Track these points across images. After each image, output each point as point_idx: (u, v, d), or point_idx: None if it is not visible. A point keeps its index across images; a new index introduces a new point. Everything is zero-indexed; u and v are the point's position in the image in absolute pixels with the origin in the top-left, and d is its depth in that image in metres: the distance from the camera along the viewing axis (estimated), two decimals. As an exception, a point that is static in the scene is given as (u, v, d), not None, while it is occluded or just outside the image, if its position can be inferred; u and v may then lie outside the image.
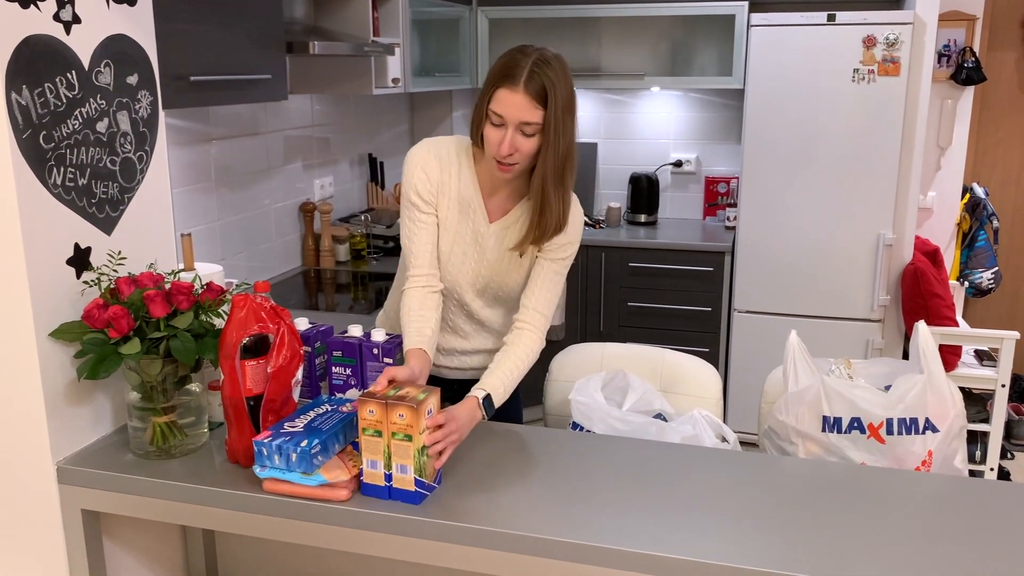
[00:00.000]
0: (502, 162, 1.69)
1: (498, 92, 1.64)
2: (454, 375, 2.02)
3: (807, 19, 3.44)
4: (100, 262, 1.66)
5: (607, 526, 1.37)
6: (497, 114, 1.65)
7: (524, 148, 1.66)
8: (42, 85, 1.50)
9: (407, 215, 1.82)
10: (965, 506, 1.44)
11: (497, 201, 1.84)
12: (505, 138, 1.65)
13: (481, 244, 1.84)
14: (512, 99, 1.62)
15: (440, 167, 1.80)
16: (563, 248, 1.82)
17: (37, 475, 1.60)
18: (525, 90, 1.62)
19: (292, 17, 3.08)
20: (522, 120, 1.64)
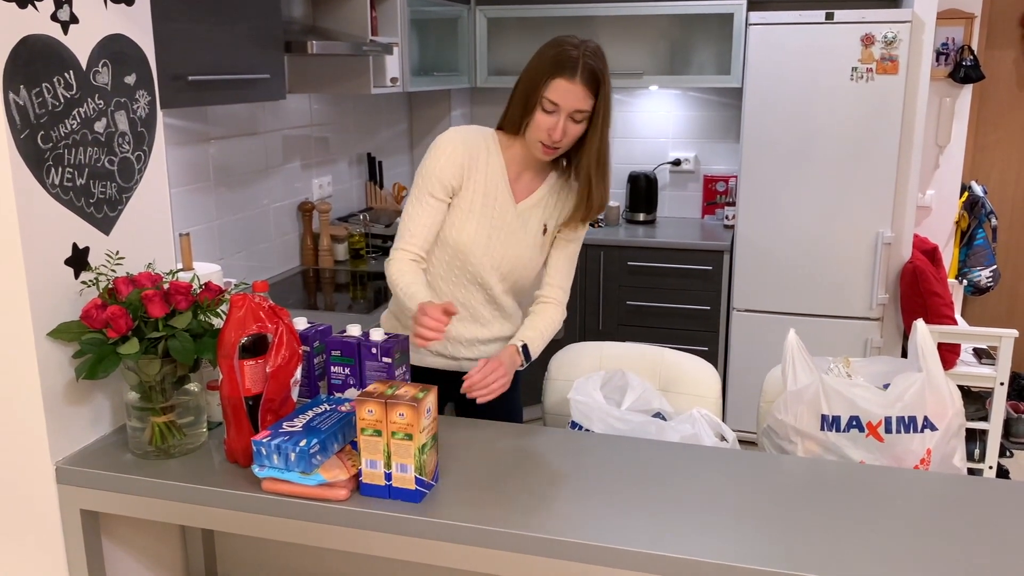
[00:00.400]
0: (549, 146, 1.82)
1: (555, 82, 1.77)
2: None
3: (805, 17, 3.44)
4: (98, 262, 1.66)
5: (607, 525, 1.37)
6: (553, 102, 1.78)
7: (572, 133, 1.81)
8: (40, 85, 1.50)
9: (417, 194, 1.90)
10: (964, 504, 1.44)
11: (523, 183, 1.95)
12: (558, 125, 1.79)
13: (508, 225, 1.93)
14: (570, 89, 1.76)
15: (468, 153, 1.89)
16: (583, 228, 1.99)
17: (36, 475, 1.60)
18: (582, 82, 1.76)
19: (290, 16, 3.08)
20: (576, 108, 1.78)
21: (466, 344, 2.02)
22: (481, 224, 1.91)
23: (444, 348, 2.02)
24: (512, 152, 1.93)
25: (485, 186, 1.90)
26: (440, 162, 1.88)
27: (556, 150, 1.84)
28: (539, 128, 1.81)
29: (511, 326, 2.05)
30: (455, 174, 1.88)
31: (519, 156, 1.93)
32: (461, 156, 1.88)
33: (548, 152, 1.84)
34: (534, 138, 1.83)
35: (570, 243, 2.00)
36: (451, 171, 1.88)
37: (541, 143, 1.82)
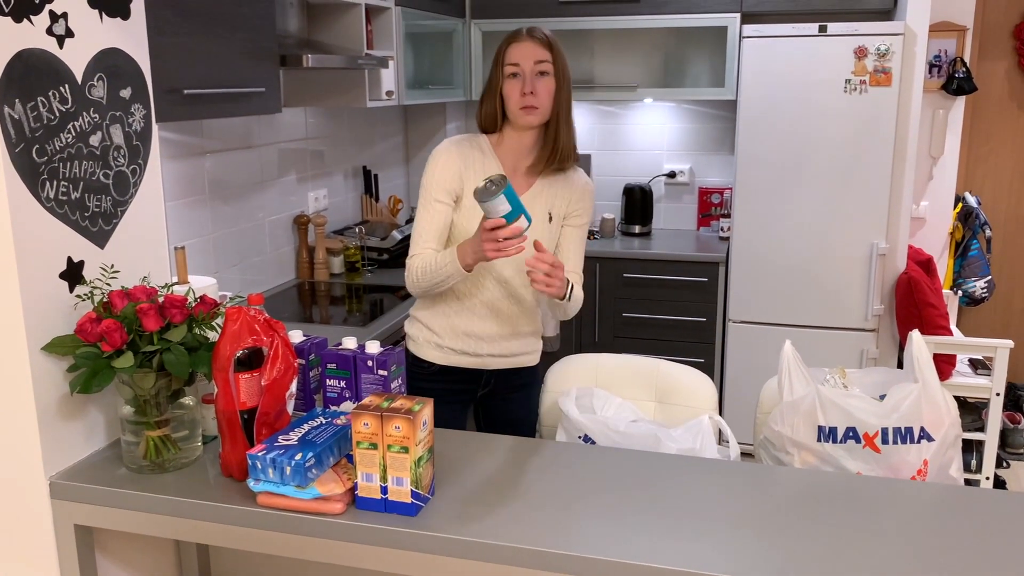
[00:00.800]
0: (526, 106, 1.93)
1: (510, 48, 1.95)
2: (496, 363, 2.11)
3: (799, 30, 3.46)
4: (93, 276, 1.66)
5: (604, 537, 1.36)
6: (514, 63, 1.93)
7: (543, 88, 1.94)
8: (35, 99, 1.50)
9: (423, 203, 2.00)
10: (961, 515, 1.44)
11: (520, 177, 2.05)
12: (525, 80, 1.93)
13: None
14: (523, 47, 1.93)
15: (462, 158, 2.00)
16: (583, 213, 2.09)
17: (30, 490, 1.59)
18: (531, 39, 1.94)
19: (286, 30, 3.09)
20: (536, 60, 1.93)
21: (489, 340, 2.08)
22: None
23: (468, 346, 2.07)
24: (503, 148, 2.04)
25: None
26: (438, 169, 1.99)
27: (536, 108, 1.93)
28: (513, 95, 1.94)
29: (532, 322, 2.13)
30: (453, 177, 1.99)
31: (510, 151, 2.03)
32: (457, 161, 1.99)
33: (528, 111, 1.94)
34: (514, 108, 1.95)
35: (576, 228, 2.10)
36: (449, 175, 1.99)
37: (520, 108, 1.94)
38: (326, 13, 3.18)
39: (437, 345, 2.08)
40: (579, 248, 2.12)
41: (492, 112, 2.01)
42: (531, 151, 2.03)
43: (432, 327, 2.08)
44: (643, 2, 3.91)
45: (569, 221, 2.09)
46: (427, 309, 2.10)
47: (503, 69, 1.95)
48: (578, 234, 2.11)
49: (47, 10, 1.52)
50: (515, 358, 2.13)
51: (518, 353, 2.13)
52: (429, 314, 2.09)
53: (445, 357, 2.09)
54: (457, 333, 2.06)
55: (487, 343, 2.08)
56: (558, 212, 2.07)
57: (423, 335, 2.10)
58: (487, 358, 2.10)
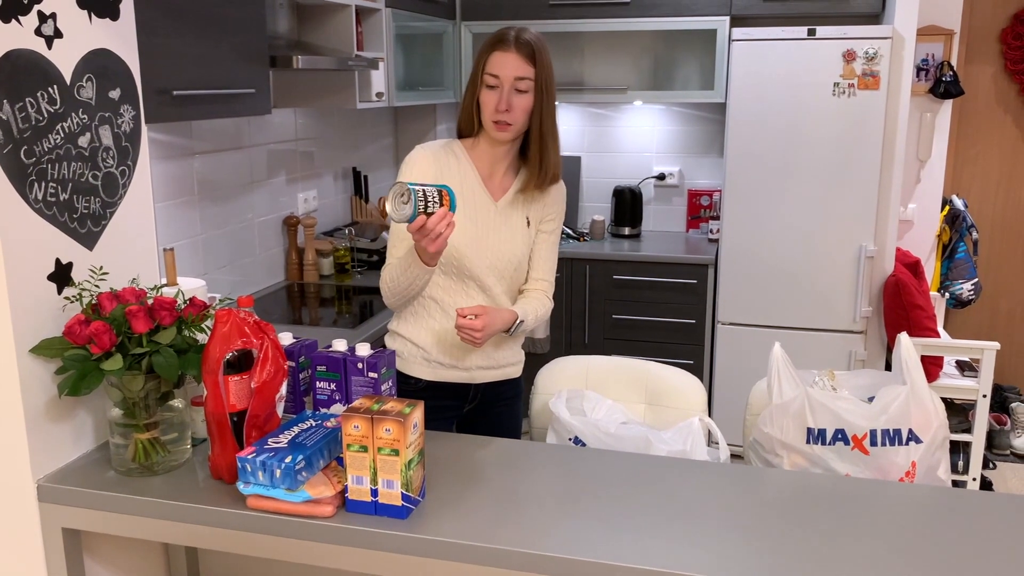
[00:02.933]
0: (499, 121, 1.88)
1: (492, 56, 1.87)
2: (484, 376, 2.07)
3: (787, 34, 3.48)
4: (82, 277, 1.65)
5: (594, 539, 1.37)
6: (493, 75, 1.86)
7: (519, 105, 1.87)
8: (23, 100, 1.49)
9: None
10: (949, 517, 1.45)
11: (496, 182, 2.00)
12: (502, 96, 1.85)
13: (492, 223, 1.97)
14: (506, 59, 1.85)
15: (436, 163, 1.96)
16: (556, 217, 2.06)
17: (17, 493, 1.58)
18: (516, 50, 1.85)
19: (275, 31, 3.08)
20: (516, 76, 1.85)
21: (477, 352, 2.04)
22: (463, 223, 1.94)
23: (457, 359, 2.03)
24: (477, 153, 1.99)
25: (460, 188, 1.96)
26: (414, 176, 1.95)
27: (509, 125, 1.88)
28: (487, 106, 1.88)
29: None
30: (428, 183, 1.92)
31: (486, 155, 1.98)
32: (431, 166, 1.95)
33: (502, 128, 1.88)
34: (487, 119, 1.90)
35: (549, 234, 2.06)
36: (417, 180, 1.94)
37: (493, 121, 1.88)
38: (316, 14, 3.18)
39: (425, 360, 2.03)
40: (551, 253, 2.08)
41: (469, 116, 1.96)
42: (506, 156, 1.99)
43: (418, 342, 2.02)
44: (633, 5, 3.92)
45: (542, 227, 2.06)
46: (411, 323, 2.04)
47: (482, 76, 1.89)
48: (551, 240, 2.07)
49: (36, 10, 1.51)
50: (502, 369, 2.09)
51: (504, 364, 2.09)
52: (414, 329, 2.03)
53: (434, 372, 2.04)
54: (444, 346, 2.01)
55: (475, 354, 2.03)
56: (534, 217, 2.04)
57: (408, 350, 2.04)
58: (476, 371, 2.05)
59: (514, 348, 2.10)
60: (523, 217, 2.01)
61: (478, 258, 1.96)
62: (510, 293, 2.05)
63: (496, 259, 1.98)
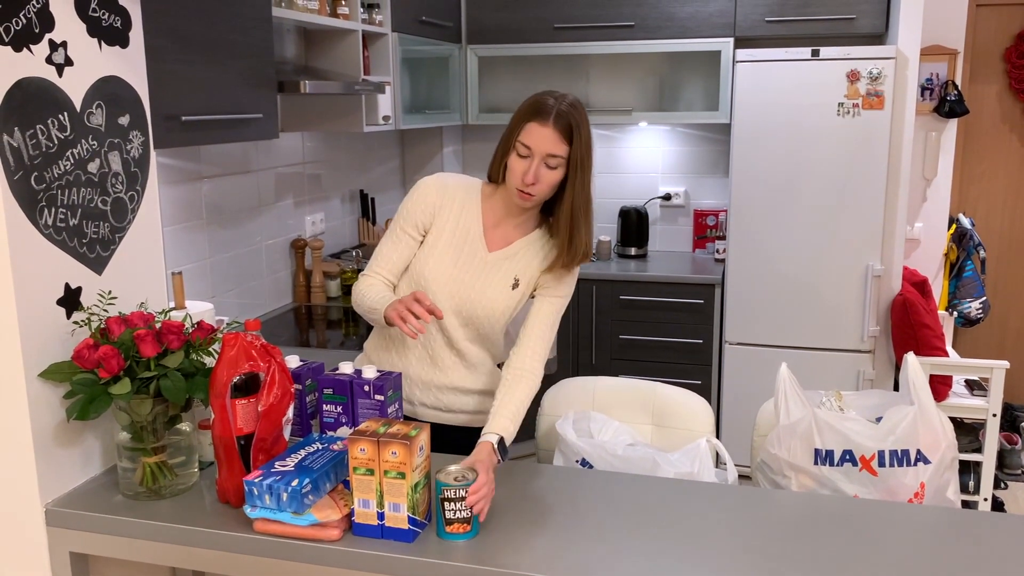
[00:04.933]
0: (524, 191, 1.82)
1: (528, 125, 1.79)
2: (428, 415, 1.99)
3: (791, 55, 3.49)
4: (90, 302, 1.66)
5: (601, 563, 1.36)
6: (526, 146, 1.79)
7: (546, 179, 1.81)
8: (34, 127, 1.51)
9: (392, 228, 1.96)
10: (959, 538, 1.44)
11: (499, 233, 1.94)
12: (531, 168, 1.79)
13: (475, 270, 1.91)
14: (542, 133, 1.77)
15: (441, 195, 1.93)
16: (568, 284, 1.94)
17: (26, 518, 1.59)
18: (554, 126, 1.77)
19: (283, 57, 3.11)
20: (548, 152, 1.78)
21: (422, 387, 1.96)
22: (443, 261, 1.90)
23: (404, 389, 1.97)
24: (492, 202, 1.94)
25: (455, 226, 1.92)
26: (413, 200, 1.93)
27: (531, 196, 1.82)
28: (514, 172, 1.82)
29: (474, 378, 1.97)
30: (426, 211, 1.92)
31: (500, 206, 1.93)
32: (434, 197, 1.92)
33: (524, 197, 1.82)
34: (511, 183, 1.83)
35: (554, 299, 1.92)
36: (422, 208, 1.92)
37: (517, 188, 1.82)
38: (323, 39, 3.21)
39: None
40: (551, 327, 1.91)
41: (497, 167, 1.90)
42: (520, 213, 1.92)
43: (374, 361, 2.01)
44: (638, 27, 3.94)
45: (549, 291, 1.93)
46: (373, 343, 2.03)
47: (516, 143, 1.80)
48: (552, 308, 1.92)
49: (47, 39, 1.53)
50: (449, 414, 1.98)
51: (453, 409, 1.98)
52: (374, 348, 2.02)
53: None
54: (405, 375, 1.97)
55: (419, 390, 1.96)
56: (528, 279, 1.93)
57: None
58: (419, 407, 1.98)
59: (469, 397, 1.98)
60: (511, 276, 1.91)
61: (447, 298, 1.89)
62: (476, 342, 1.95)
63: (461, 304, 1.90)
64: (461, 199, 1.94)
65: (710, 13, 3.85)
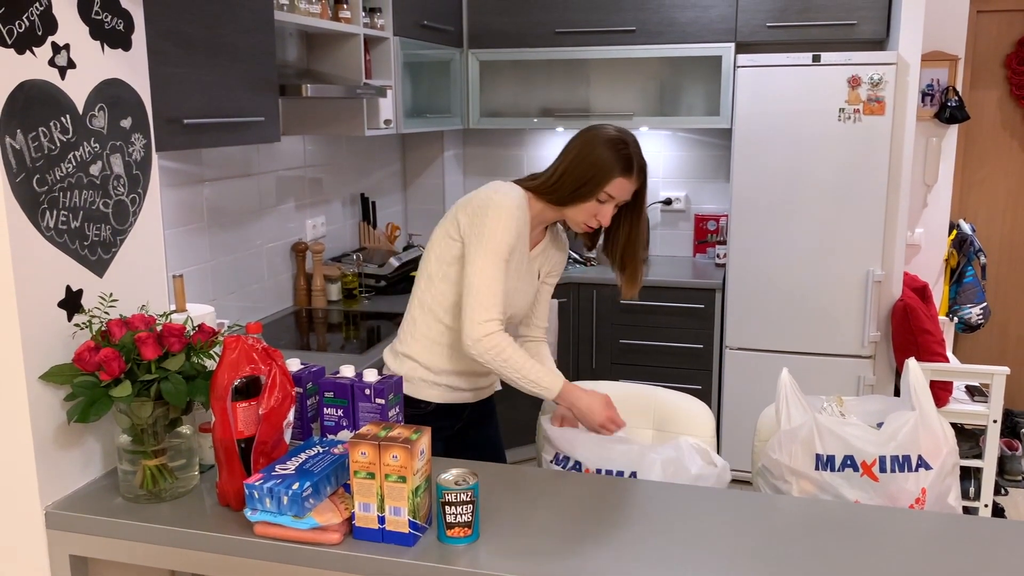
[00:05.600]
0: (590, 228, 2.01)
1: (617, 181, 1.93)
2: (486, 392, 2.17)
3: (792, 60, 3.50)
4: (92, 304, 1.66)
5: (602, 568, 1.36)
6: (610, 195, 1.94)
7: (611, 215, 1.99)
8: (36, 129, 1.51)
9: (494, 260, 1.90)
10: (960, 544, 1.44)
11: (533, 235, 2.08)
12: (607, 211, 1.96)
13: (523, 272, 2.06)
14: (627, 185, 1.95)
15: (523, 219, 1.96)
16: (559, 272, 2.20)
17: (25, 520, 1.58)
18: (637, 177, 1.96)
19: (285, 60, 3.12)
20: (626, 199, 1.98)
21: (473, 377, 2.09)
22: (518, 276, 2.04)
23: (466, 383, 2.08)
24: (534, 211, 2.03)
25: (524, 245, 2.02)
26: (512, 230, 1.92)
27: (593, 229, 2.03)
28: (589, 213, 1.97)
29: None
30: (518, 238, 1.95)
31: (537, 214, 2.04)
32: (521, 224, 1.95)
33: (589, 231, 2.03)
34: (579, 219, 1.98)
35: (551, 285, 2.20)
36: (515, 236, 1.93)
37: (586, 225, 1.99)
38: (325, 43, 3.21)
39: (435, 383, 2.04)
40: (550, 302, 2.23)
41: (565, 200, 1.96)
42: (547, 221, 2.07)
43: (430, 365, 2.03)
44: (639, 32, 3.95)
45: (547, 278, 2.17)
46: (422, 345, 2.04)
47: (600, 193, 1.92)
48: (550, 290, 2.21)
49: (49, 42, 1.53)
50: (492, 387, 2.20)
51: (495, 380, 2.18)
52: (425, 352, 2.04)
53: (442, 395, 2.05)
54: (456, 372, 2.05)
55: (470, 379, 2.09)
56: (544, 271, 2.14)
57: (418, 374, 2.04)
58: (466, 392, 2.10)
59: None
60: (538, 270, 2.12)
61: (517, 302, 2.05)
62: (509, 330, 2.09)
63: (514, 301, 2.04)
64: (526, 220, 1.98)
65: (711, 18, 3.86)
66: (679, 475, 1.86)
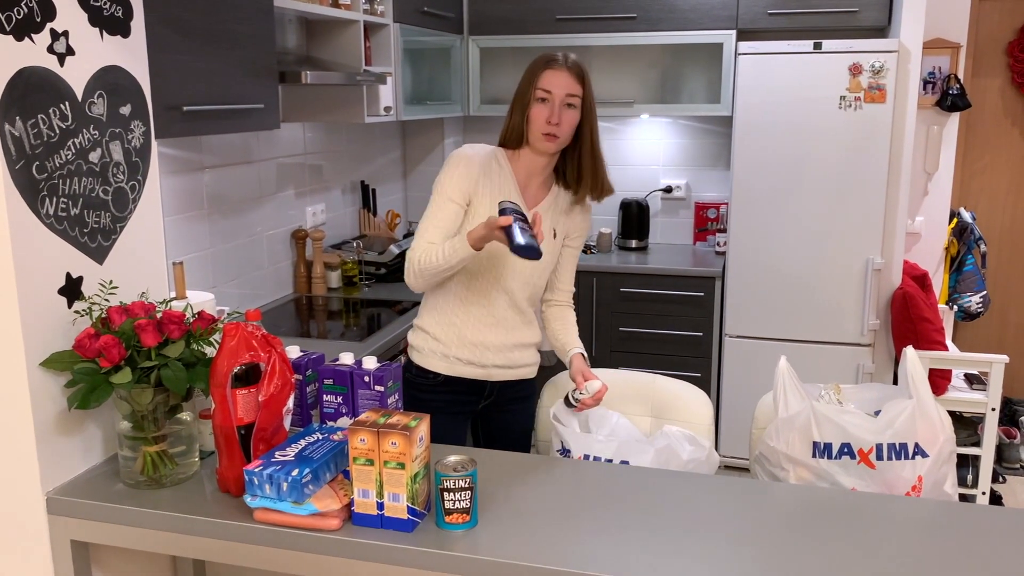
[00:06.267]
0: (550, 133, 1.97)
1: (545, 73, 1.97)
2: (499, 375, 2.12)
3: (794, 47, 3.49)
4: (92, 291, 1.67)
5: (597, 553, 1.37)
6: (546, 91, 1.96)
7: (567, 120, 1.97)
8: (35, 116, 1.51)
9: (436, 200, 2.02)
10: (957, 531, 1.45)
11: (531, 192, 2.09)
12: (555, 110, 1.96)
13: None
14: (559, 76, 1.96)
15: (482, 167, 2.03)
16: (583, 234, 2.19)
17: (27, 506, 1.59)
18: (568, 70, 1.97)
19: (284, 47, 3.11)
20: (568, 93, 1.96)
21: (494, 350, 2.09)
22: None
23: (475, 356, 2.08)
24: (518, 165, 2.07)
25: (500, 191, 2.02)
26: (457, 171, 2.02)
27: (556, 138, 1.97)
28: (538, 119, 1.97)
29: (532, 331, 2.15)
30: (470, 182, 2.02)
31: (524, 167, 2.06)
32: (476, 167, 2.02)
33: (550, 139, 1.98)
34: (536, 132, 1.98)
35: (573, 248, 2.18)
36: (466, 178, 2.02)
37: (543, 133, 1.97)
38: (325, 30, 3.20)
39: (443, 355, 2.08)
40: (574, 266, 2.20)
41: (517, 133, 2.03)
42: (543, 170, 2.07)
43: (438, 337, 2.08)
44: (640, 19, 3.94)
45: (569, 242, 2.16)
46: (433, 319, 2.09)
47: (534, 91, 1.98)
48: (575, 253, 2.19)
49: (48, 28, 1.53)
50: (517, 369, 2.15)
51: (520, 364, 2.14)
52: (435, 324, 2.09)
53: (451, 367, 2.09)
54: (464, 343, 2.07)
55: (492, 353, 2.08)
56: (561, 231, 2.12)
57: (429, 345, 2.10)
58: (492, 369, 2.10)
59: (530, 350, 2.16)
60: (550, 228, 2.09)
61: (511, 264, 2.04)
62: (532, 299, 2.13)
63: (525, 266, 2.04)
64: (495, 167, 2.04)
65: (712, 5, 3.84)
66: (671, 462, 1.87)
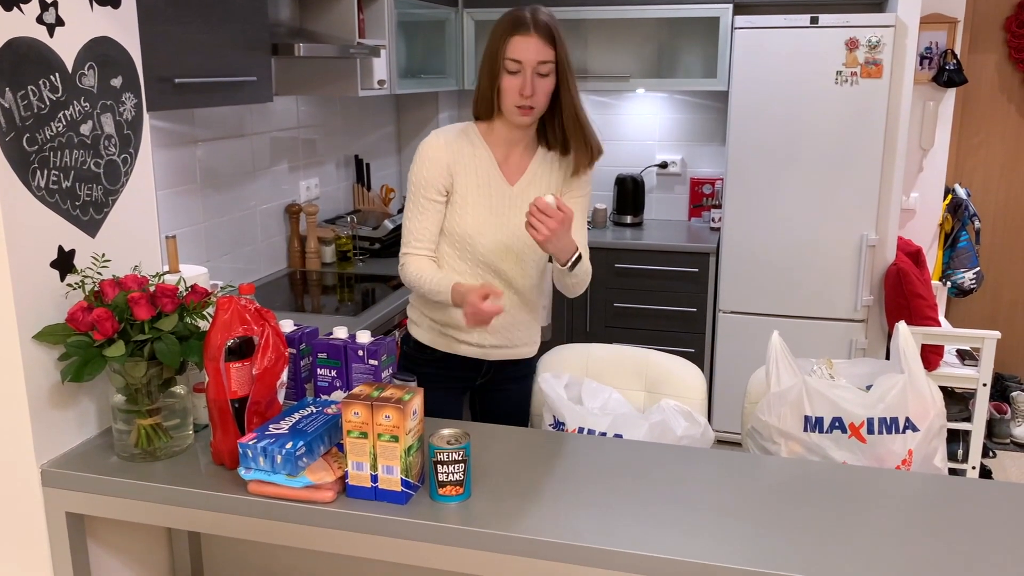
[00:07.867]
0: (523, 106, 1.87)
1: (512, 40, 1.84)
2: (497, 354, 2.10)
3: (790, 22, 3.47)
4: (84, 265, 1.66)
5: (591, 525, 1.38)
6: (515, 60, 1.84)
7: (542, 88, 1.87)
8: (25, 88, 1.50)
9: (412, 200, 1.98)
10: (946, 504, 1.46)
11: (512, 165, 2.00)
12: (527, 81, 1.84)
13: (508, 208, 1.98)
14: (527, 43, 1.83)
15: (451, 151, 1.95)
16: (588, 181, 2.06)
17: (21, 478, 1.60)
18: (537, 34, 1.84)
19: (277, 19, 3.08)
20: (539, 60, 1.84)
21: (492, 331, 2.06)
22: (478, 209, 1.96)
23: (472, 336, 2.06)
24: (493, 137, 1.99)
25: (476, 175, 1.97)
26: (427, 166, 1.96)
27: (532, 109, 1.88)
28: (509, 91, 1.87)
29: (532, 311, 2.12)
30: (443, 174, 1.95)
31: (502, 139, 1.98)
32: (445, 156, 1.95)
33: (525, 112, 1.88)
34: (509, 104, 1.89)
35: (581, 199, 2.04)
36: (438, 172, 1.95)
37: (516, 106, 1.88)
38: (318, 2, 3.17)
39: (441, 333, 2.07)
40: (583, 219, 2.04)
41: (487, 102, 1.93)
42: (523, 138, 1.99)
43: (434, 317, 2.07)
44: (636, -8, 3.91)
45: (574, 192, 2.05)
46: (430, 301, 2.07)
47: (503, 62, 1.86)
48: (581, 206, 2.04)
49: (37, -2, 1.51)
50: (515, 349, 2.12)
51: (518, 344, 2.12)
52: (431, 305, 2.07)
53: (448, 345, 2.08)
54: (461, 324, 2.03)
55: (490, 333, 2.07)
56: (557, 190, 2.04)
57: (427, 322, 2.09)
58: (489, 349, 2.08)
59: (529, 329, 2.13)
60: (548, 192, 1.99)
61: (495, 244, 1.99)
62: (530, 278, 2.06)
63: (514, 241, 1.99)
64: (468, 149, 1.97)
65: (709, -22, 3.81)
66: (665, 436, 1.89)
